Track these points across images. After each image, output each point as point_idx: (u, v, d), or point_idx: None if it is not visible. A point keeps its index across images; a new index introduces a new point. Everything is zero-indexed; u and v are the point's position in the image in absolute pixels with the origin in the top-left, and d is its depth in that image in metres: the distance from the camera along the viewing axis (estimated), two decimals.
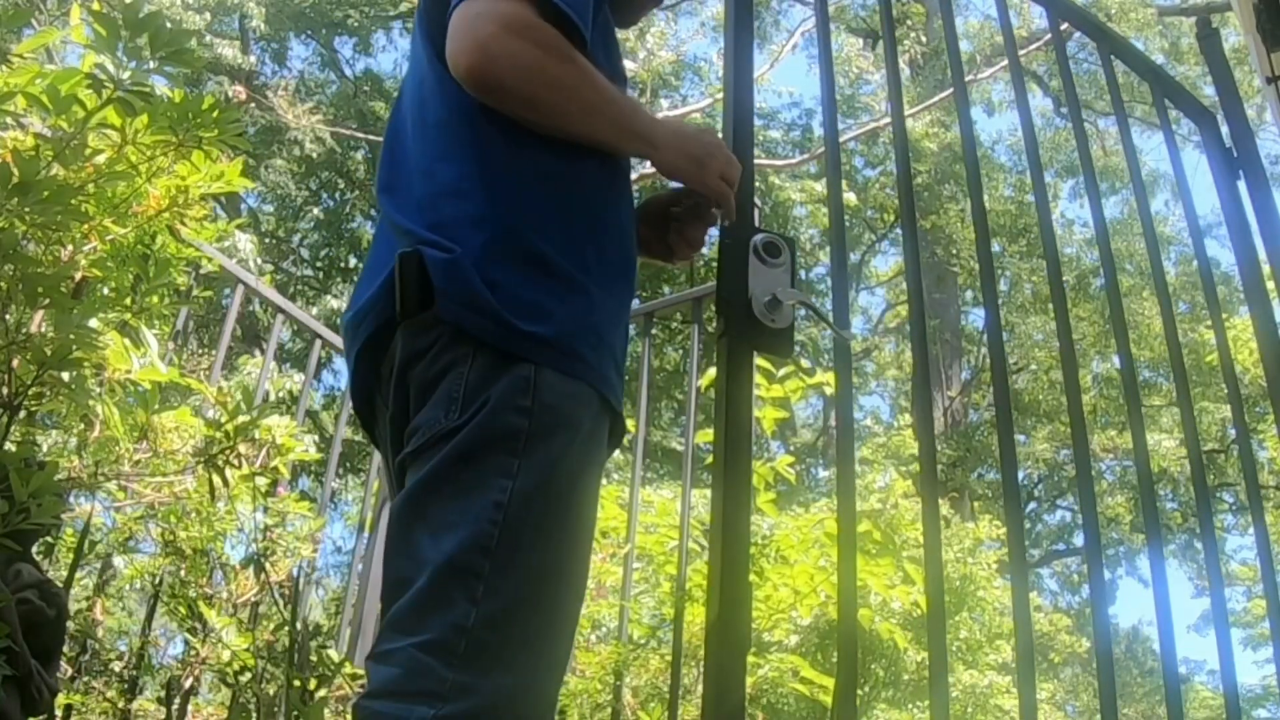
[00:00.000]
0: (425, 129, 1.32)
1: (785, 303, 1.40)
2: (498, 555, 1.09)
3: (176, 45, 1.62)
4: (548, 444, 1.14)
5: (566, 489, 1.16)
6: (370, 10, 13.90)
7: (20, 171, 1.56)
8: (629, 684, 2.87)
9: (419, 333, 1.19)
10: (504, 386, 1.14)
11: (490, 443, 1.13)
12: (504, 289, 1.17)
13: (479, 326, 1.16)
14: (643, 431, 3.12)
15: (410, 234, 1.23)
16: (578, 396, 1.18)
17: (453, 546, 1.09)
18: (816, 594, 3.62)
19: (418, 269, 1.18)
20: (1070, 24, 2.35)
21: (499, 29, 1.20)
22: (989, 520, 9.26)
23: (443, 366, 1.16)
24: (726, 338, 1.41)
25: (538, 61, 1.21)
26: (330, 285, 12.48)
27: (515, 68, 1.20)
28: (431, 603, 1.08)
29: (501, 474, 1.11)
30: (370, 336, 1.26)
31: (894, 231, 16.30)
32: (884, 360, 17.69)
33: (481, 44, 1.19)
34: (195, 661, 2.35)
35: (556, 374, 1.17)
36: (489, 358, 1.15)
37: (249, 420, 2.20)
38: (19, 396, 1.70)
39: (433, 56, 1.33)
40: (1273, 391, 1.89)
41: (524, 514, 1.11)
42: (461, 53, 1.21)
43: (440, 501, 1.12)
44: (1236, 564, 13.83)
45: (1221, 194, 2.08)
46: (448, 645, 1.06)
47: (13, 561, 1.73)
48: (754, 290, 1.39)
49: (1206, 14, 9.84)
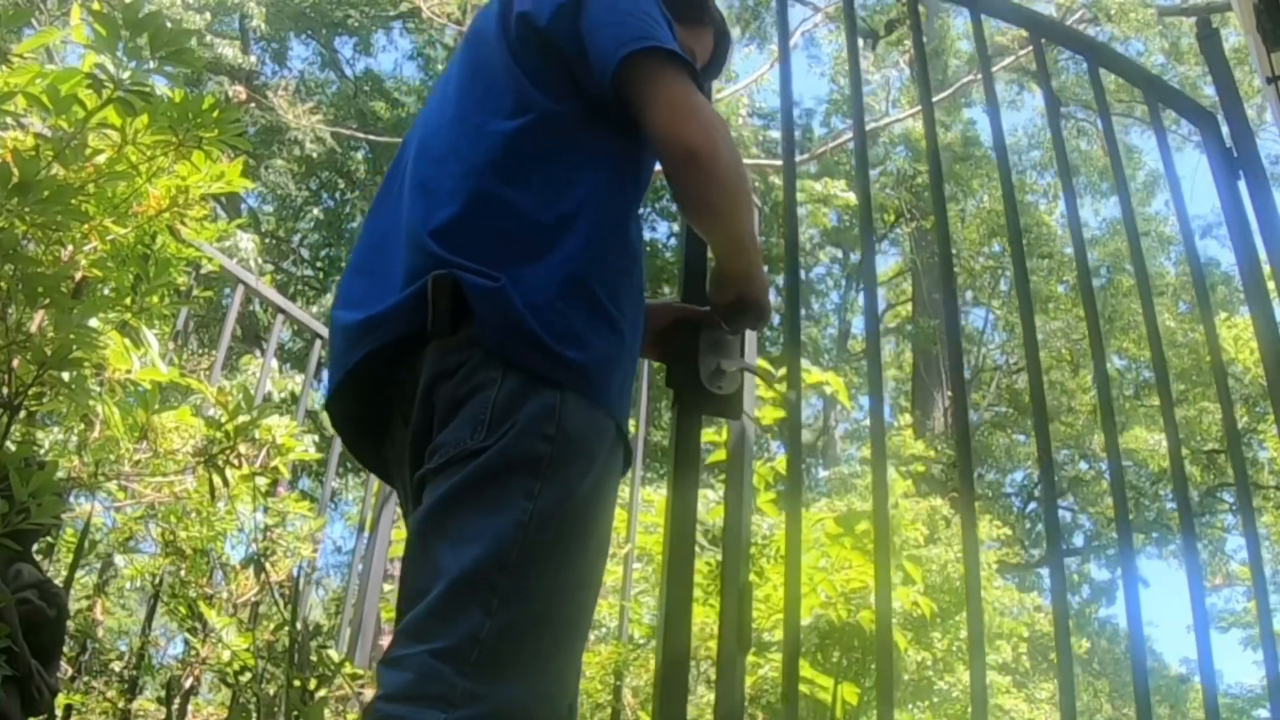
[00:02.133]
0: (482, 135, 1.35)
1: (728, 371, 1.55)
2: (515, 572, 1.13)
3: (176, 45, 1.62)
4: (568, 470, 1.19)
5: (584, 513, 1.21)
6: (370, 10, 13.89)
7: (20, 171, 1.56)
8: (629, 684, 2.87)
9: (450, 352, 1.22)
10: (530, 412, 1.19)
11: (514, 465, 1.17)
12: (546, 313, 1.22)
13: (516, 351, 1.20)
14: (643, 431, 3.12)
15: (437, 256, 1.25)
16: (598, 425, 1.24)
17: (471, 560, 1.13)
18: (816, 594, 3.62)
19: (452, 291, 1.21)
20: (1055, 42, 2.35)
21: (722, 123, 1.35)
22: (989, 520, 9.27)
23: (471, 387, 1.20)
24: (676, 405, 1.58)
25: (739, 167, 1.35)
26: (330, 285, 12.47)
27: (730, 165, 1.33)
28: (447, 612, 1.11)
29: (524, 495, 1.16)
30: (384, 346, 1.27)
31: (894, 231, 16.30)
32: (884, 360, 17.69)
33: (713, 132, 1.32)
34: (195, 661, 2.35)
35: (581, 400, 1.22)
36: (517, 382, 1.20)
37: (249, 420, 2.20)
38: (19, 396, 1.70)
39: (518, 75, 1.37)
40: (1273, 391, 1.89)
41: (542, 534, 1.15)
42: (694, 133, 1.31)
43: (461, 517, 1.16)
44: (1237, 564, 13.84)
45: (1222, 194, 2.08)
46: (461, 653, 1.09)
47: (13, 561, 1.73)
48: (702, 361, 1.55)
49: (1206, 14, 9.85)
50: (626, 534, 3.08)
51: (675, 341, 1.60)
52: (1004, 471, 16.64)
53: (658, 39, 1.33)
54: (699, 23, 1.63)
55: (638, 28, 1.33)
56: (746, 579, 1.63)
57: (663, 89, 1.32)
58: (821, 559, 3.80)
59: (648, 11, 1.37)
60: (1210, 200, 24.32)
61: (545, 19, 1.37)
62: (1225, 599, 15.91)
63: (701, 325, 1.59)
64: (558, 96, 1.35)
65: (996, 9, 2.33)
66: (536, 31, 1.38)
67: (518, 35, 1.39)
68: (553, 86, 1.36)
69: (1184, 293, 14.26)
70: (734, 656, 1.55)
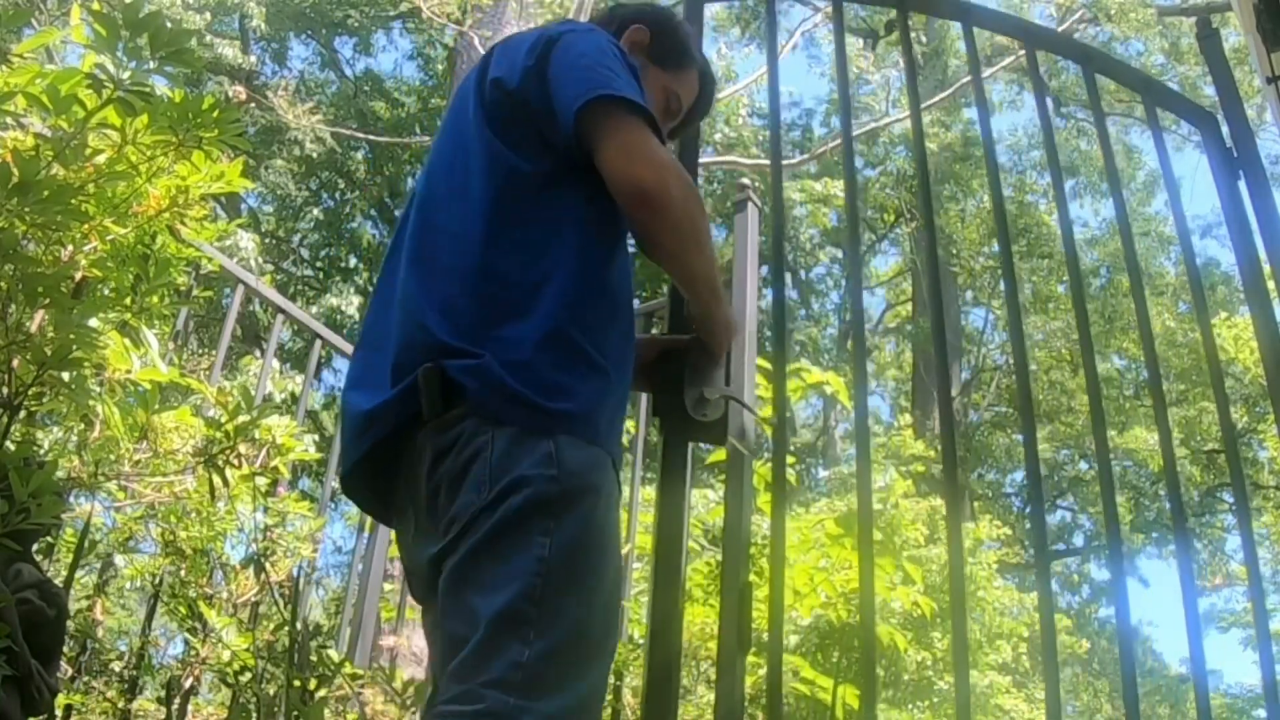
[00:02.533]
0: (467, 203, 1.42)
1: (711, 399, 1.62)
2: (544, 603, 1.22)
3: (176, 45, 1.62)
4: (578, 505, 1.28)
5: (597, 541, 1.30)
6: (370, 10, 13.89)
7: (20, 171, 1.56)
8: (629, 684, 2.87)
9: (445, 430, 1.30)
10: (530, 461, 1.27)
11: (526, 512, 1.25)
12: (529, 371, 1.30)
13: (503, 411, 1.29)
14: (643, 431, 3.12)
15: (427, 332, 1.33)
16: (596, 460, 1.32)
17: (504, 601, 1.22)
18: (816, 594, 3.62)
19: (440, 379, 1.30)
20: (1050, 51, 2.38)
21: (676, 165, 1.40)
22: (989, 520, 9.26)
23: (469, 455, 1.28)
24: (663, 432, 1.66)
25: (692, 209, 1.40)
26: (330, 284, 12.48)
27: (680, 207, 1.38)
28: (489, 650, 1.21)
29: (541, 533, 1.25)
30: (386, 437, 1.36)
31: (894, 231, 16.30)
32: (884, 360, 17.69)
33: (664, 173, 1.37)
34: (195, 661, 2.34)
35: (574, 441, 1.30)
36: (508, 438, 1.28)
37: (249, 420, 2.20)
38: (19, 396, 1.70)
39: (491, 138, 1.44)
40: (1273, 391, 1.89)
41: (563, 566, 1.25)
42: (644, 174, 1.36)
43: (489, 567, 1.25)
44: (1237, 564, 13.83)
45: (1222, 194, 2.08)
46: (507, 680, 1.19)
47: (13, 561, 1.73)
48: (687, 390, 1.61)
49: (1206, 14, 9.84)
50: (626, 534, 3.08)
51: (662, 372, 1.66)
52: (1004, 471, 16.64)
53: (614, 88, 1.38)
54: (681, 66, 1.69)
55: (595, 78, 1.39)
56: (746, 579, 1.64)
57: (617, 134, 1.37)
58: (822, 559, 3.80)
59: (607, 64, 1.42)
60: (1211, 200, 24.34)
61: (516, 81, 1.44)
62: (1225, 599, 15.93)
63: (687, 355, 1.64)
64: (531, 158, 1.42)
65: (989, 21, 2.35)
66: (509, 94, 1.44)
67: (492, 100, 1.46)
68: (526, 149, 1.42)
69: (1184, 293, 14.25)
70: (734, 656, 1.57)
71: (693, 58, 1.71)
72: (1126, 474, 14.96)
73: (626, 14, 1.69)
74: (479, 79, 1.50)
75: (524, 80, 1.43)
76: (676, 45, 1.69)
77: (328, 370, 12.36)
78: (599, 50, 1.45)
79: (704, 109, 1.76)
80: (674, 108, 1.68)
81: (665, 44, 1.67)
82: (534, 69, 1.43)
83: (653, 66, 1.63)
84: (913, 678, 6.89)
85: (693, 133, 1.87)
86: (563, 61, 1.43)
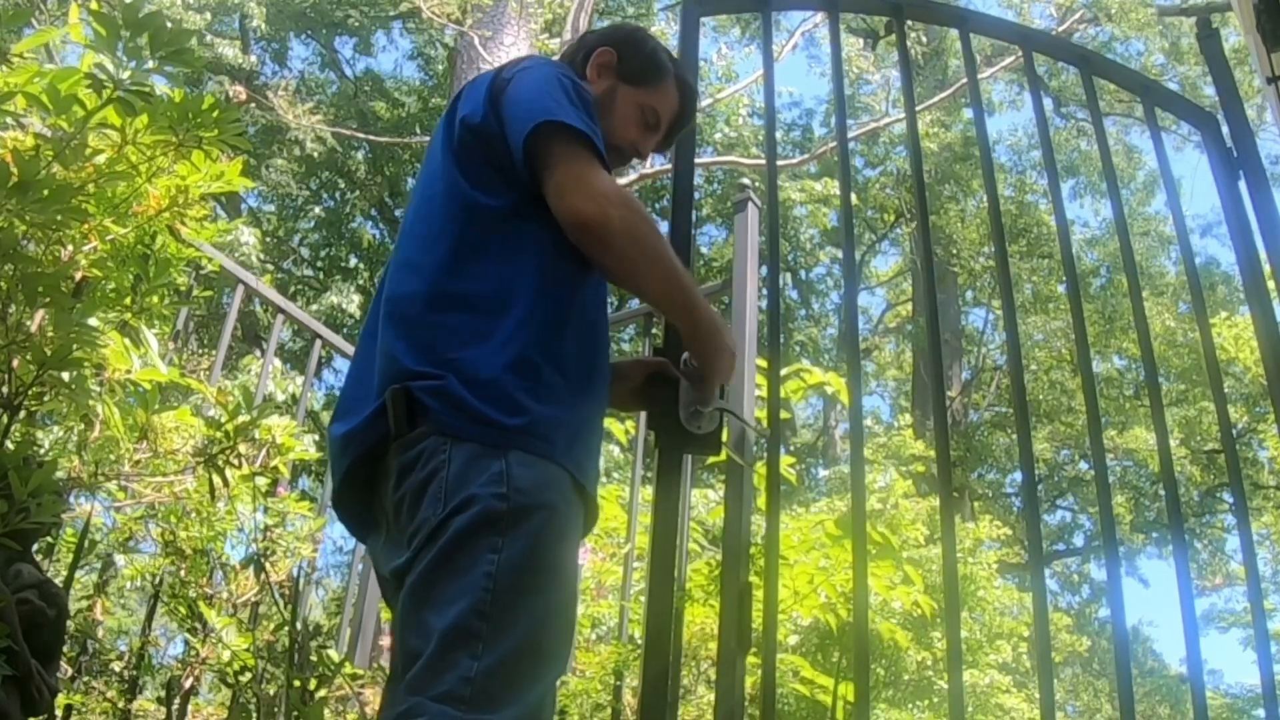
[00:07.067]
0: (435, 239, 1.48)
1: (705, 412, 1.63)
2: (492, 618, 1.26)
3: (176, 45, 1.62)
4: (527, 522, 1.31)
5: (546, 557, 1.33)
6: (370, 10, 13.90)
7: (20, 171, 1.56)
8: (629, 684, 2.86)
9: (410, 447, 1.36)
10: (482, 481, 1.31)
11: (476, 529, 1.29)
12: (487, 388, 1.35)
13: (460, 427, 1.34)
14: (643, 431, 3.12)
15: (399, 363, 1.39)
16: (550, 477, 1.36)
17: (454, 616, 1.25)
18: (816, 595, 3.62)
19: (406, 399, 1.36)
20: (1048, 55, 2.39)
21: (618, 193, 1.43)
22: (989, 520, 9.26)
23: (429, 472, 1.33)
24: (657, 446, 1.68)
25: (638, 234, 1.43)
26: (330, 284, 12.47)
27: (623, 234, 1.42)
28: (440, 665, 1.24)
29: (489, 550, 1.28)
30: (360, 457, 1.43)
31: (894, 231, 16.30)
32: (884, 360, 17.69)
33: (603, 202, 1.41)
34: (195, 661, 2.34)
35: (526, 455, 1.34)
36: (465, 456, 1.32)
37: (249, 420, 2.20)
38: (19, 396, 1.70)
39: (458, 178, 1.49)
40: (1273, 391, 1.89)
41: (510, 582, 1.28)
42: (582, 204, 1.40)
43: (442, 583, 1.29)
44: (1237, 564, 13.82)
45: (1222, 194, 2.09)
46: (456, 694, 1.22)
47: (13, 561, 1.73)
48: (681, 403, 1.63)
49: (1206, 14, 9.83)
50: (626, 534, 3.08)
51: (654, 391, 1.68)
52: (1004, 471, 16.64)
53: (555, 115, 1.43)
54: (654, 81, 1.70)
55: (541, 108, 1.45)
56: (746, 579, 1.64)
57: (559, 166, 1.42)
58: (822, 560, 3.79)
59: (552, 94, 1.48)
60: (1211, 199, 24.33)
61: (480, 117, 1.51)
62: (1226, 599, 15.93)
63: (681, 371, 1.65)
64: (495, 194, 1.47)
65: (986, 27, 2.36)
66: (473, 130, 1.51)
67: (459, 138, 1.52)
68: (489, 185, 1.48)
69: (1184, 292, 14.25)
70: (734, 656, 1.57)
71: (665, 70, 1.72)
72: (1126, 474, 14.96)
73: (592, 39, 1.74)
74: (448, 119, 1.57)
75: (485, 117, 1.50)
76: (645, 61, 1.70)
77: (328, 370, 12.37)
78: (546, 80, 1.50)
79: (687, 116, 1.77)
80: (652, 122, 1.70)
81: (633, 62, 1.70)
82: (490, 104, 1.50)
83: (623, 86, 1.67)
84: (913, 677, 6.89)
85: (688, 133, 1.87)
86: (514, 95, 1.49)
